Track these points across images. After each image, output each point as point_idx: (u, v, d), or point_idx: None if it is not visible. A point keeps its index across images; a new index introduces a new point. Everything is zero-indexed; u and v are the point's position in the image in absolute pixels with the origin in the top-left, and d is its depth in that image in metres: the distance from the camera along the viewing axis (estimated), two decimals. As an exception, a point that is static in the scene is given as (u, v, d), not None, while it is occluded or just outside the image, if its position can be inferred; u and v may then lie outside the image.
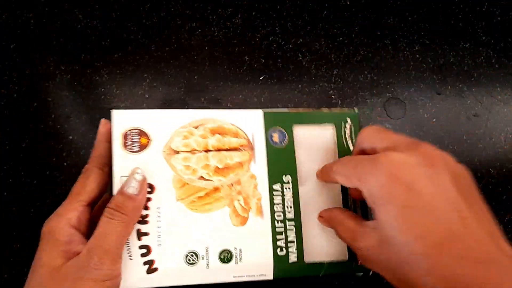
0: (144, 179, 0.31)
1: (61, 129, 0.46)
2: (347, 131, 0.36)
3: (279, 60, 0.50)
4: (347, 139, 0.36)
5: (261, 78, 0.49)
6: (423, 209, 0.25)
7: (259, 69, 0.50)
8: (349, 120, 0.36)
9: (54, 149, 0.45)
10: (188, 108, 0.47)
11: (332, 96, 0.49)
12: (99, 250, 0.28)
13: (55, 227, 0.30)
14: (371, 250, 0.28)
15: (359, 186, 0.28)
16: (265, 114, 0.35)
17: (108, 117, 0.47)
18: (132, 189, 0.30)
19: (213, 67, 0.49)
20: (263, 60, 0.50)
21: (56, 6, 0.51)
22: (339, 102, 0.48)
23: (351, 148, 0.36)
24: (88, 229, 0.31)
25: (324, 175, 0.34)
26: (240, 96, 0.48)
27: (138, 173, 0.31)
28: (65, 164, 0.45)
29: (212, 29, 0.51)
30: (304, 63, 0.50)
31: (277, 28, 0.51)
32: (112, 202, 0.30)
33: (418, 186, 0.26)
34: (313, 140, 0.36)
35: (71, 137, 0.46)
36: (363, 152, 0.31)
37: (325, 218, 0.34)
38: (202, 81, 0.49)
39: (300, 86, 0.49)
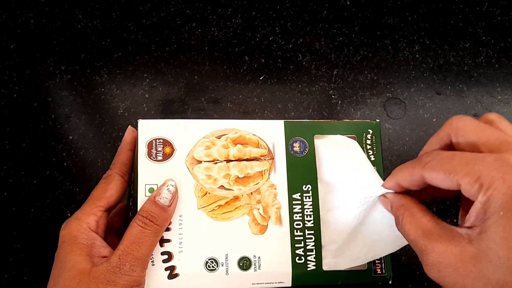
0: (176, 190, 0.32)
1: (61, 129, 0.46)
2: (368, 142, 0.36)
3: (279, 60, 0.50)
4: (368, 150, 0.36)
5: (261, 78, 0.49)
6: None
7: (259, 69, 0.50)
8: (370, 131, 0.36)
9: (54, 149, 0.45)
10: (187, 108, 0.47)
11: (332, 96, 0.49)
12: (131, 257, 0.29)
13: (76, 231, 0.30)
14: (459, 262, 0.23)
15: (469, 186, 0.23)
16: (286, 124, 0.36)
17: (106, 117, 0.47)
18: (165, 200, 0.31)
19: (213, 67, 0.49)
20: (263, 60, 0.50)
21: (56, 6, 0.51)
22: (339, 102, 0.48)
23: (372, 158, 0.36)
24: (105, 233, 0.32)
25: (402, 174, 0.28)
26: (240, 96, 0.48)
27: (171, 185, 0.32)
28: (65, 164, 0.45)
29: (212, 29, 0.51)
30: (304, 63, 0.50)
31: (277, 28, 0.51)
32: (145, 210, 0.31)
33: None
34: (335, 150, 0.36)
35: (71, 137, 0.46)
36: (449, 146, 0.27)
37: (393, 203, 0.29)
38: (202, 81, 0.49)
39: (300, 86, 0.49)
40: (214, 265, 0.33)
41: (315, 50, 0.51)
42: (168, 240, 0.32)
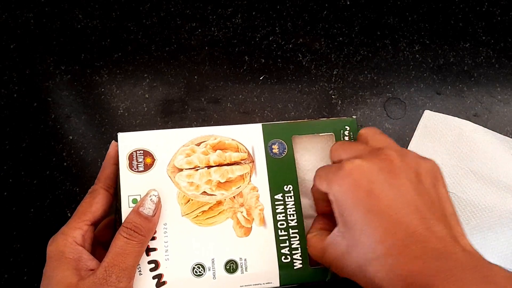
0: (159, 200, 0.33)
1: (61, 129, 0.46)
2: (346, 139, 0.37)
3: (279, 60, 0.50)
4: None
5: (261, 78, 0.49)
6: (384, 213, 0.27)
7: (259, 69, 0.50)
8: (347, 128, 0.37)
9: (54, 149, 0.45)
10: (187, 108, 0.47)
11: (332, 96, 0.49)
12: (117, 269, 0.30)
13: (62, 246, 0.31)
14: (341, 257, 0.29)
15: (327, 191, 0.30)
16: (264, 127, 0.36)
17: (106, 117, 0.47)
18: (148, 210, 0.32)
19: (213, 67, 0.49)
20: (263, 60, 0.50)
21: (56, 6, 0.51)
22: (339, 102, 0.48)
23: None
24: (92, 247, 0.33)
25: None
26: (240, 96, 0.48)
27: (154, 195, 0.32)
28: (65, 164, 0.45)
29: (212, 29, 0.51)
30: (304, 63, 0.50)
31: (277, 28, 0.51)
32: (129, 222, 0.31)
33: (377, 191, 0.28)
34: (313, 150, 0.36)
35: (71, 137, 0.46)
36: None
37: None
38: (202, 81, 0.49)
39: (300, 86, 0.49)
40: (201, 270, 0.33)
41: (315, 50, 0.51)
42: (154, 249, 0.33)
